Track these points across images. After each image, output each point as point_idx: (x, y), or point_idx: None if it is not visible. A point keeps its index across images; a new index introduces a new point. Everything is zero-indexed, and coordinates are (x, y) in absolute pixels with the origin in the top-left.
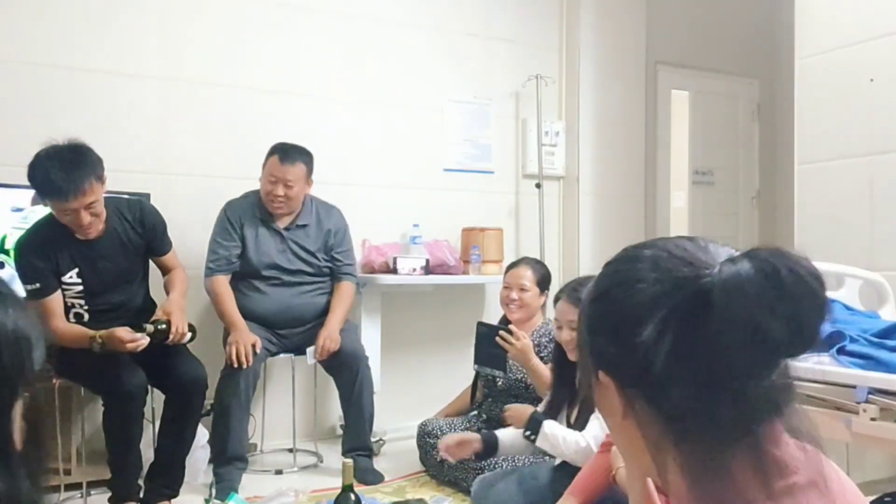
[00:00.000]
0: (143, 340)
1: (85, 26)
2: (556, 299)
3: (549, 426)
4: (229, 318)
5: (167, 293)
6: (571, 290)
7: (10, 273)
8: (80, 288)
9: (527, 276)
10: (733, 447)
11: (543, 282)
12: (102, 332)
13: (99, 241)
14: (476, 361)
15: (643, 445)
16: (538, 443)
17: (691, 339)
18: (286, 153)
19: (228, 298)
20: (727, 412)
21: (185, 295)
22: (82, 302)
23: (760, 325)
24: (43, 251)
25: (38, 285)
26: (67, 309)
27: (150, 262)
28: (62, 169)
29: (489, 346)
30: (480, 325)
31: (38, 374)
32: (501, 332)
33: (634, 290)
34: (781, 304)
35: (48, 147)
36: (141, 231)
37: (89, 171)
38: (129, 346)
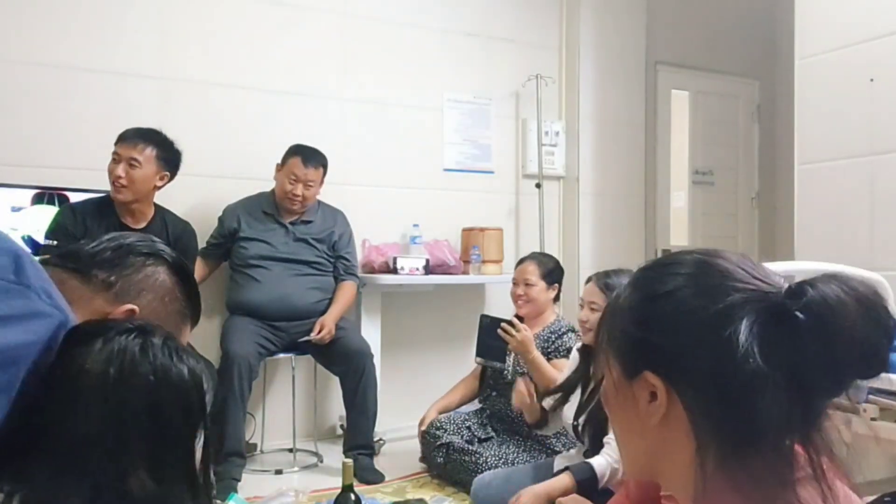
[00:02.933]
0: None
1: (85, 26)
2: (587, 281)
3: (598, 467)
4: None
5: None
6: (602, 276)
7: None
8: None
9: (531, 270)
10: (786, 449)
11: (550, 275)
12: None
13: (140, 232)
14: (478, 353)
15: (667, 448)
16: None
17: (781, 348)
18: (309, 156)
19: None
20: (795, 419)
21: None
22: None
23: (855, 344)
24: (80, 217)
25: (54, 242)
26: None
27: None
28: (139, 129)
29: (491, 338)
30: (484, 317)
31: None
32: (503, 324)
33: (715, 294)
34: (870, 330)
35: None
36: (172, 245)
37: (155, 142)
38: None
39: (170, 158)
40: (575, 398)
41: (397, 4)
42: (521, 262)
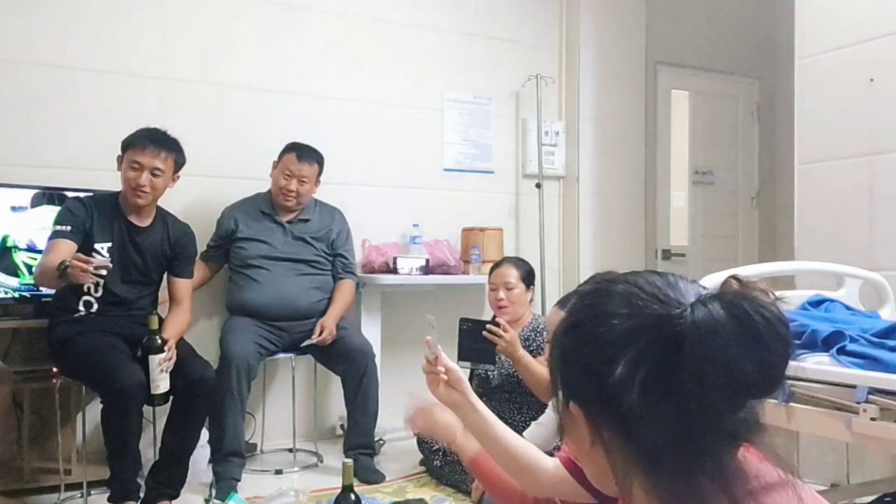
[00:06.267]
0: (102, 266)
1: (85, 26)
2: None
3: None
4: None
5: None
6: (564, 300)
7: None
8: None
9: (511, 273)
10: (699, 473)
11: (528, 278)
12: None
13: (141, 231)
14: (461, 358)
15: (606, 471)
16: None
17: (662, 377)
18: (303, 152)
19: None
20: (694, 446)
21: (181, 334)
22: (100, 282)
23: (731, 368)
24: (89, 209)
25: (67, 228)
26: (81, 292)
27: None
28: (153, 134)
29: (474, 341)
30: (464, 320)
31: None
32: (489, 326)
33: (607, 325)
34: (752, 348)
35: None
36: (172, 245)
37: (172, 149)
38: (82, 266)
39: (182, 161)
40: None
41: (397, 4)
42: (497, 266)
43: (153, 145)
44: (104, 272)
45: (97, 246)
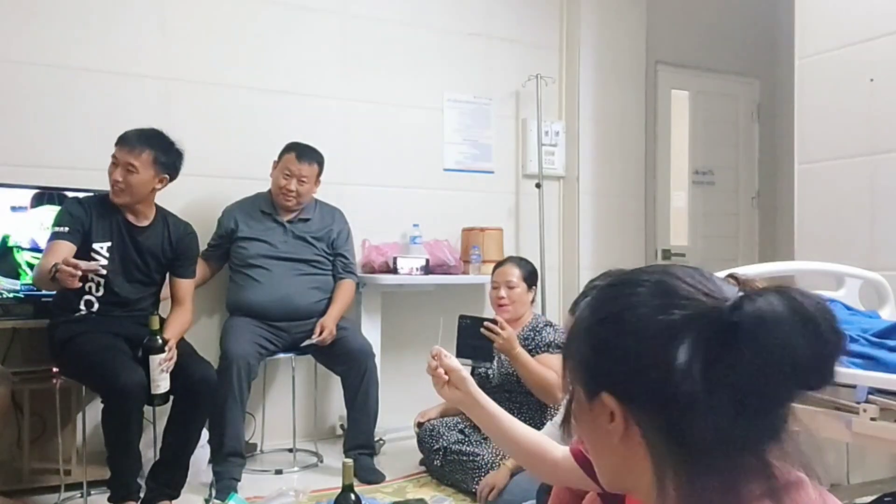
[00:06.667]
0: (90, 270)
1: (85, 26)
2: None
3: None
4: None
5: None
6: (574, 304)
7: None
8: (105, 262)
9: (513, 273)
10: (738, 467)
11: (530, 277)
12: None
13: (141, 231)
14: (459, 355)
15: (632, 466)
16: None
17: (719, 367)
18: (303, 152)
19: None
20: (738, 438)
21: (182, 334)
22: (101, 282)
23: (792, 357)
24: (87, 210)
25: (65, 229)
26: (82, 292)
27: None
28: (140, 131)
29: (473, 338)
30: (463, 317)
31: None
32: (487, 323)
33: (657, 315)
34: (811, 339)
35: None
36: (173, 246)
37: (153, 147)
38: (70, 270)
39: (169, 162)
40: None
41: (397, 4)
42: (499, 265)
43: (132, 142)
44: (103, 271)
45: (96, 246)
